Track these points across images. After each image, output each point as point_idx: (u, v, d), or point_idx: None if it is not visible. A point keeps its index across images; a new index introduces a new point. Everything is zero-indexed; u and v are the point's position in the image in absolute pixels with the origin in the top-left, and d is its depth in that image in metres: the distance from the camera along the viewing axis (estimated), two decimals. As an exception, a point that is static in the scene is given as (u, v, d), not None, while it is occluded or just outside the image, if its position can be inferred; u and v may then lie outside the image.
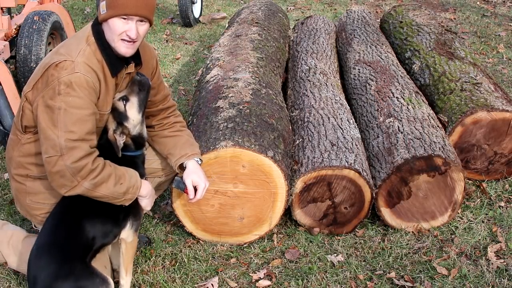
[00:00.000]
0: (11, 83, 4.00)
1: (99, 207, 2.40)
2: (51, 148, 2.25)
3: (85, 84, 2.28)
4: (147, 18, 2.37)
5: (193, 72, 5.64)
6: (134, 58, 2.48)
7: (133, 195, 2.43)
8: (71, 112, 2.25)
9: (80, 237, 2.35)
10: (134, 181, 2.43)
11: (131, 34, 2.34)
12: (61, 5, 5.33)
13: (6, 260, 2.73)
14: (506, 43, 6.28)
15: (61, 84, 2.25)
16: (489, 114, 3.37)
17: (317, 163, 3.00)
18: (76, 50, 2.34)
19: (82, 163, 2.26)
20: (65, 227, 2.37)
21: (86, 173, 2.27)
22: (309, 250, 3.00)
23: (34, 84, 2.37)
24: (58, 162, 2.25)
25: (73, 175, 2.26)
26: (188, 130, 2.88)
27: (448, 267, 2.83)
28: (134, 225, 2.52)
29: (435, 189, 3.05)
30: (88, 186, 2.29)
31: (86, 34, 2.41)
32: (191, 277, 2.80)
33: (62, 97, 2.25)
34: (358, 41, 4.71)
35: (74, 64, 2.28)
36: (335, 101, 3.64)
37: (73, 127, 2.25)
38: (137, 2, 2.31)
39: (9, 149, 2.58)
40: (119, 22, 2.32)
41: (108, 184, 2.32)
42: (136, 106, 2.49)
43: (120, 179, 2.37)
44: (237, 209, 2.97)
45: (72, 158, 2.24)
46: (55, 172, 2.27)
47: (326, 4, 8.26)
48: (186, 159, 2.69)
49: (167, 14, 7.89)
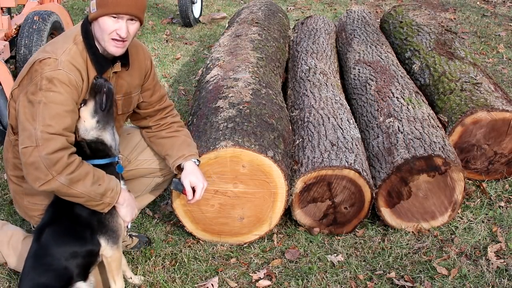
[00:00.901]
0: (11, 83, 4.01)
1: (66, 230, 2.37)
2: (27, 138, 2.23)
3: (67, 81, 2.27)
4: (137, 17, 2.36)
5: (193, 72, 5.64)
6: (121, 57, 2.46)
7: (112, 200, 2.36)
8: (51, 106, 2.23)
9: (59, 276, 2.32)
10: (113, 185, 2.37)
11: (121, 33, 2.32)
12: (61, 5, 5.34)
13: (6, 260, 2.73)
14: (506, 43, 6.28)
15: (43, 79, 2.25)
16: (489, 114, 3.37)
17: (317, 163, 3.00)
18: (61, 48, 2.34)
19: (57, 156, 2.21)
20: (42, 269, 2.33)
21: (61, 167, 2.22)
22: (309, 250, 3.00)
23: (20, 82, 2.37)
24: (33, 153, 2.21)
25: (48, 168, 2.21)
26: (186, 130, 2.87)
27: (448, 267, 2.83)
28: (110, 241, 2.41)
29: (435, 189, 3.05)
30: (63, 181, 2.23)
31: (75, 33, 2.40)
32: (191, 277, 2.80)
33: (43, 92, 2.24)
34: (358, 41, 4.71)
35: (58, 62, 2.28)
36: (335, 101, 3.64)
37: (51, 121, 2.22)
38: (127, 1, 2.30)
39: (4, 150, 2.58)
40: (109, 21, 2.31)
41: (85, 182, 2.27)
42: (90, 109, 2.37)
43: (98, 179, 2.32)
44: (237, 209, 2.97)
45: (47, 149, 2.20)
46: (30, 164, 2.22)
47: (326, 4, 8.26)
48: (183, 160, 2.67)
49: (167, 14, 7.89)
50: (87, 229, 2.38)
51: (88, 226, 2.38)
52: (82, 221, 2.38)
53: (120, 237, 2.47)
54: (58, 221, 2.39)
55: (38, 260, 2.34)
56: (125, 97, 2.60)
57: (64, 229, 2.38)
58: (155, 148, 2.80)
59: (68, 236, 2.37)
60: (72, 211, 2.38)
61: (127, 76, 2.56)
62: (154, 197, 3.00)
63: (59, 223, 2.39)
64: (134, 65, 2.57)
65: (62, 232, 2.37)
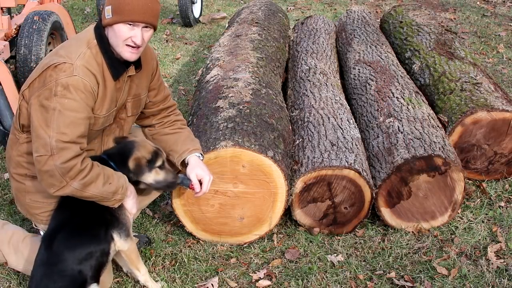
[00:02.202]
0: (11, 83, 4.00)
1: (80, 232, 2.39)
2: (41, 147, 2.25)
3: (82, 87, 2.29)
4: (152, 24, 2.39)
5: (193, 72, 5.64)
6: (134, 61, 2.48)
7: (123, 196, 2.42)
8: (66, 114, 2.26)
9: (74, 281, 2.33)
10: (122, 182, 2.42)
11: (137, 41, 2.35)
12: (61, 5, 5.34)
13: (6, 260, 2.74)
14: (506, 43, 6.28)
15: (58, 85, 2.26)
16: (489, 114, 3.37)
17: (317, 163, 3.00)
18: (76, 52, 2.35)
19: (71, 164, 2.25)
20: (56, 276, 2.33)
21: (75, 173, 2.27)
22: (309, 250, 3.00)
23: (31, 83, 2.38)
24: (48, 162, 2.24)
25: (62, 175, 2.25)
26: (188, 128, 2.88)
27: (448, 267, 2.83)
28: (122, 234, 2.48)
29: (435, 189, 3.05)
30: (77, 186, 2.28)
31: (88, 37, 2.42)
32: (191, 277, 2.80)
33: (58, 98, 2.25)
34: (358, 41, 4.71)
35: (73, 67, 2.29)
36: (335, 101, 3.64)
37: (65, 129, 2.25)
38: (143, 9, 2.32)
39: (8, 148, 2.59)
40: (125, 28, 2.34)
41: (97, 183, 2.32)
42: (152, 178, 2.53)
43: (109, 178, 2.36)
44: (237, 209, 2.97)
45: (62, 159, 2.24)
46: (45, 172, 2.26)
47: (326, 4, 8.25)
48: (188, 154, 2.70)
49: (167, 14, 7.89)
50: (101, 227, 2.43)
51: (103, 222, 2.43)
52: (96, 218, 2.42)
53: (130, 228, 2.54)
54: (70, 225, 2.41)
55: (51, 267, 2.34)
56: (135, 99, 2.63)
57: (78, 231, 2.40)
58: (159, 145, 2.81)
59: (82, 237, 2.39)
60: (84, 212, 2.41)
61: (137, 79, 2.59)
62: (154, 197, 3.00)
63: (71, 227, 2.40)
64: (143, 67, 2.59)
65: (76, 235, 2.39)
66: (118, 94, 2.50)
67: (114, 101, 2.49)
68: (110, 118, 2.53)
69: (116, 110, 2.54)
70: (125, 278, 2.77)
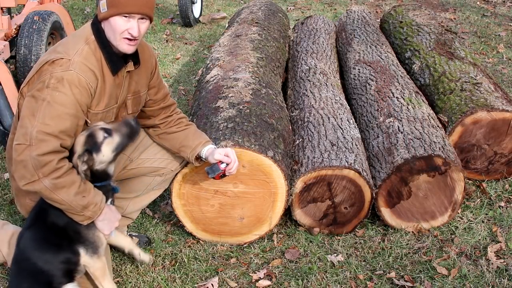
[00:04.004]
0: (11, 83, 4.00)
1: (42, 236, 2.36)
2: (22, 136, 2.22)
3: (77, 82, 2.27)
4: (148, 15, 2.38)
5: (193, 72, 5.64)
6: (132, 56, 2.48)
7: (93, 214, 2.32)
8: (54, 106, 2.22)
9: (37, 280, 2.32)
10: (98, 200, 2.34)
11: (133, 32, 2.34)
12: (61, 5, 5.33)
13: (6, 260, 2.73)
14: (506, 43, 6.28)
15: (52, 78, 2.25)
16: (489, 114, 3.38)
17: (317, 163, 3.00)
18: (74, 49, 2.34)
19: (47, 158, 2.20)
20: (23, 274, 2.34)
21: (49, 170, 2.20)
22: (309, 250, 3.00)
23: (29, 80, 2.37)
24: (25, 152, 2.20)
25: (36, 169, 2.19)
26: (194, 123, 2.89)
27: (448, 267, 2.83)
28: (88, 250, 2.37)
29: (435, 189, 3.05)
30: (48, 184, 2.21)
31: (85, 33, 2.41)
32: (191, 277, 2.80)
33: (49, 90, 2.23)
34: (358, 41, 4.71)
35: (70, 63, 2.28)
36: (335, 101, 3.64)
37: (50, 121, 2.21)
38: (138, 1, 2.31)
39: (8, 148, 2.58)
40: (121, 20, 2.32)
41: (69, 190, 2.24)
42: (114, 145, 2.34)
43: (84, 191, 2.28)
44: (237, 209, 2.97)
45: (38, 151, 2.19)
46: (19, 161, 2.22)
47: (326, 4, 8.26)
48: (202, 147, 2.70)
49: (167, 14, 7.89)
50: (63, 238, 2.35)
51: (64, 235, 2.35)
52: (58, 230, 2.35)
53: (100, 247, 2.43)
54: (36, 226, 2.38)
55: (18, 264, 2.34)
56: (134, 96, 2.62)
57: (40, 235, 2.36)
58: (167, 144, 2.80)
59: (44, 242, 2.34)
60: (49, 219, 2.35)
61: (136, 75, 2.58)
62: (154, 197, 3.00)
63: (36, 229, 2.37)
64: (142, 63, 2.59)
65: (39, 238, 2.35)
66: (118, 90, 2.49)
67: (114, 97, 2.48)
68: (110, 115, 2.51)
69: (117, 108, 2.54)
70: (125, 278, 2.77)
